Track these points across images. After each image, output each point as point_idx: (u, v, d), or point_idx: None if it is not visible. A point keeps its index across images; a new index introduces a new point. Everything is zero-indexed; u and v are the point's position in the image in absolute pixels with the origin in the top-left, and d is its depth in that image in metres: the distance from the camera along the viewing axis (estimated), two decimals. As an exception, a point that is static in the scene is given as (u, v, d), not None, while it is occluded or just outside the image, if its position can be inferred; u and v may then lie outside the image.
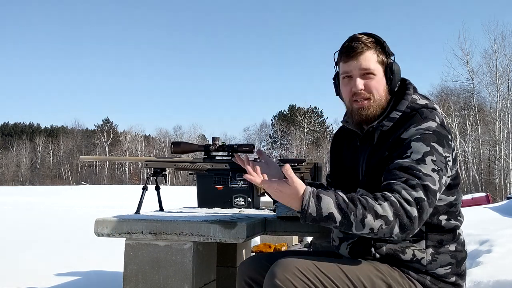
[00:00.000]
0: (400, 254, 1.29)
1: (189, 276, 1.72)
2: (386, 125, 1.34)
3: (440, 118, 1.31)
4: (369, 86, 1.36)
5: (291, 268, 1.20)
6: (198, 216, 1.89)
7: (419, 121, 1.28)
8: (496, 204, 10.25)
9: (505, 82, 28.82)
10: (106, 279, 3.66)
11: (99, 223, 1.80)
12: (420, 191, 1.17)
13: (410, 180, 1.18)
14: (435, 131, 1.26)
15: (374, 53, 1.36)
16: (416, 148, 1.23)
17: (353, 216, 1.14)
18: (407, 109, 1.34)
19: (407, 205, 1.15)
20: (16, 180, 55.52)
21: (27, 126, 66.70)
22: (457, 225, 1.35)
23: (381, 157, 1.31)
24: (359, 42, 1.35)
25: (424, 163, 1.21)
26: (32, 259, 4.69)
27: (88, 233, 3.14)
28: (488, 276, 2.62)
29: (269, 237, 3.38)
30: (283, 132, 54.79)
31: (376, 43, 1.37)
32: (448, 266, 1.31)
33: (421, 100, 1.36)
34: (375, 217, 1.13)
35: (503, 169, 28.60)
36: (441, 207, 1.32)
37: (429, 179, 1.19)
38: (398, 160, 1.24)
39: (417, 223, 1.16)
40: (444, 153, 1.24)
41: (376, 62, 1.36)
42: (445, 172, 1.24)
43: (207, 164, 2.12)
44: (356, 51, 1.35)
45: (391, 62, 1.38)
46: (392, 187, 1.19)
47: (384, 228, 1.14)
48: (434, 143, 1.24)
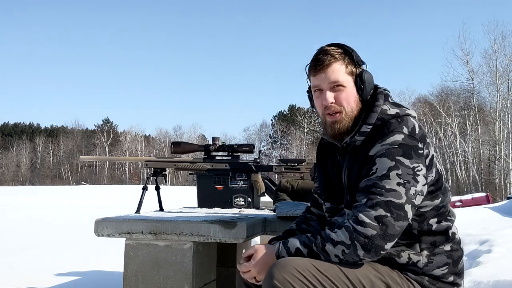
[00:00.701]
0: (396, 257, 1.30)
1: (189, 276, 1.72)
2: (358, 140, 1.34)
3: (409, 126, 1.29)
4: (339, 99, 1.35)
5: (289, 269, 1.20)
6: (198, 216, 1.89)
7: (384, 135, 1.28)
8: (496, 204, 10.26)
9: (505, 82, 28.83)
10: (106, 279, 3.66)
11: (99, 223, 1.80)
12: (380, 208, 1.21)
13: (370, 200, 1.23)
14: (401, 144, 1.26)
15: (342, 65, 1.35)
16: (380, 164, 1.25)
17: (314, 247, 1.24)
18: (377, 121, 1.32)
19: (360, 227, 1.20)
20: (16, 180, 55.53)
21: (27, 126, 66.71)
22: (448, 225, 1.35)
23: (355, 174, 1.33)
24: (326, 55, 1.35)
25: (388, 178, 1.23)
26: (32, 259, 4.69)
27: (88, 233, 3.14)
28: (488, 276, 2.62)
29: (269, 237, 3.38)
30: (283, 132, 54.77)
31: (345, 54, 1.36)
32: (445, 267, 1.31)
33: (392, 109, 1.33)
34: (333, 244, 1.22)
35: (503, 169, 28.60)
36: (429, 213, 1.32)
37: (393, 194, 1.22)
38: (365, 179, 1.27)
39: (380, 240, 1.20)
40: (411, 164, 1.24)
41: (345, 73, 1.35)
42: (413, 183, 1.24)
43: (207, 164, 2.13)
44: (324, 64, 1.34)
45: (362, 72, 1.36)
46: (353, 211, 1.26)
47: (347, 252, 1.21)
48: (399, 157, 1.24)
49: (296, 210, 1.93)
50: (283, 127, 54.55)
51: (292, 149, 50.53)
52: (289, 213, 1.94)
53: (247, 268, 1.30)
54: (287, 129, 53.58)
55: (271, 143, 56.57)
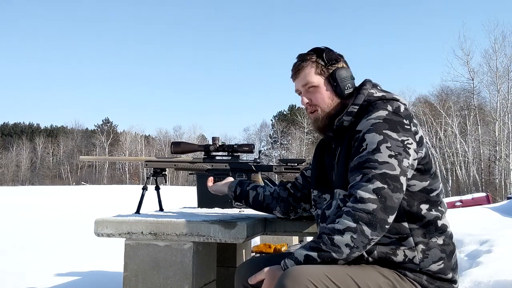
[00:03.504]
0: (392, 256, 1.30)
1: (189, 276, 1.72)
2: (346, 120, 1.40)
3: (394, 106, 1.34)
4: (314, 99, 1.46)
5: (303, 281, 1.16)
6: (198, 216, 1.89)
7: (369, 111, 1.34)
8: (496, 204, 10.24)
9: (506, 82, 28.83)
10: (106, 279, 3.66)
11: (99, 223, 1.80)
12: (377, 181, 1.23)
13: (366, 175, 1.25)
14: (386, 118, 1.30)
15: (313, 66, 1.45)
16: (369, 139, 1.28)
17: (323, 245, 1.23)
18: (364, 103, 1.39)
19: (360, 204, 1.21)
20: (16, 180, 55.51)
21: (27, 126, 66.68)
22: (437, 215, 1.35)
23: (345, 151, 1.37)
24: (299, 60, 1.47)
25: (379, 151, 1.26)
26: (32, 259, 4.69)
27: (88, 233, 3.14)
28: (488, 276, 2.61)
29: (269, 237, 3.38)
30: (283, 132, 54.76)
31: (317, 56, 1.46)
32: (440, 261, 1.32)
33: (378, 93, 1.40)
34: (341, 233, 1.21)
35: (503, 169, 28.58)
36: (418, 194, 1.34)
37: (386, 166, 1.24)
38: (356, 157, 1.30)
39: (382, 212, 1.21)
40: (399, 137, 1.28)
41: (314, 74, 1.45)
42: (405, 155, 1.27)
43: (207, 164, 2.12)
44: (296, 69, 1.47)
45: (334, 70, 1.45)
46: (350, 190, 1.27)
47: (356, 237, 1.20)
48: (386, 130, 1.28)
49: (296, 210, 1.93)
50: (283, 127, 54.54)
51: (292, 149, 50.52)
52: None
53: None
54: (287, 129, 53.57)
55: (271, 143, 56.56)
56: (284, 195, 1.73)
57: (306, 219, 1.93)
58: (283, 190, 1.75)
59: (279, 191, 1.75)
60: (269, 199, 1.75)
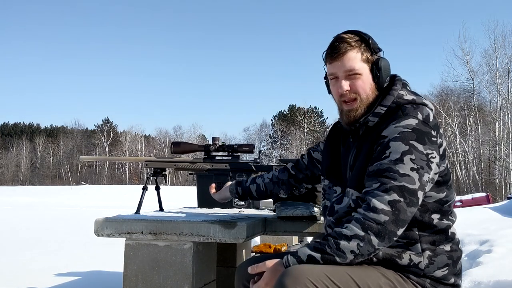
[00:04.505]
0: (397, 259, 1.29)
1: (189, 276, 1.72)
2: (371, 120, 1.34)
3: (424, 114, 1.29)
4: (355, 87, 1.36)
5: (303, 280, 1.16)
6: (198, 216, 1.89)
7: (399, 117, 1.27)
8: (496, 204, 10.25)
9: (505, 82, 28.83)
10: (106, 279, 3.66)
11: (99, 223, 1.79)
12: (394, 193, 1.20)
13: (384, 185, 1.21)
14: (415, 128, 1.25)
15: (358, 52, 1.35)
16: (394, 147, 1.24)
17: (328, 248, 1.20)
18: (392, 104, 1.33)
19: (372, 214, 1.19)
20: (16, 180, 55.50)
21: (27, 126, 66.67)
22: (449, 224, 1.34)
23: (366, 152, 1.32)
24: (342, 42, 1.35)
25: (402, 162, 1.22)
26: (32, 259, 4.69)
27: (88, 233, 3.14)
28: (488, 276, 2.61)
29: (269, 237, 3.38)
30: (283, 132, 54.73)
31: (361, 41, 1.36)
32: (445, 268, 1.31)
33: (409, 95, 1.34)
34: (347, 239, 1.19)
35: (503, 169, 28.58)
36: (431, 205, 1.31)
37: (406, 179, 1.21)
38: (377, 162, 1.25)
39: (392, 225, 1.19)
40: (425, 150, 1.24)
41: (360, 61, 1.35)
42: (427, 170, 1.24)
43: (207, 164, 2.12)
44: (339, 52, 1.35)
45: (378, 59, 1.36)
46: (365, 196, 1.24)
47: (362, 245, 1.18)
48: (413, 141, 1.23)
49: (296, 210, 1.93)
50: (283, 127, 54.51)
51: (292, 149, 50.50)
52: (289, 213, 1.94)
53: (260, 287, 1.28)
54: (287, 129, 53.55)
55: (271, 143, 56.54)
56: (284, 178, 1.71)
57: (306, 219, 1.93)
58: (282, 172, 1.72)
59: (277, 174, 1.73)
60: (270, 185, 1.73)
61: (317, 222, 1.94)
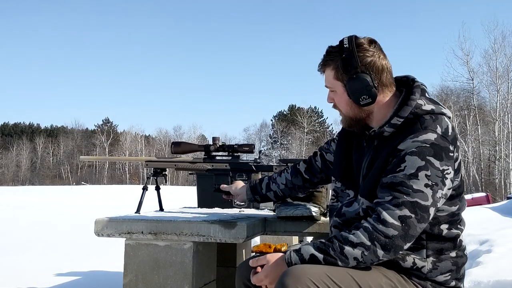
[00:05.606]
0: (400, 261, 1.28)
1: (189, 276, 1.72)
2: (387, 131, 1.31)
3: (443, 126, 1.26)
4: (335, 101, 1.41)
5: (305, 280, 1.16)
6: (198, 216, 1.89)
7: (417, 131, 1.24)
8: (496, 204, 10.25)
9: (505, 82, 28.80)
10: (106, 279, 3.66)
11: (99, 223, 1.80)
12: (406, 209, 1.19)
13: (396, 199, 1.20)
14: (433, 144, 1.22)
15: (332, 70, 1.35)
16: (410, 162, 1.22)
17: (331, 251, 1.20)
18: (410, 115, 1.28)
19: (381, 226, 1.19)
20: (16, 180, 55.50)
21: (27, 126, 66.66)
22: (458, 233, 1.34)
23: (380, 164, 1.30)
24: (325, 56, 1.38)
25: (416, 178, 1.20)
26: (32, 259, 4.69)
27: (88, 233, 3.14)
28: (488, 276, 2.62)
29: (269, 237, 3.38)
30: (283, 132, 54.72)
31: (340, 55, 1.33)
32: (448, 273, 1.30)
33: (427, 105, 1.30)
34: (353, 246, 1.19)
35: (503, 169, 28.57)
36: (443, 217, 1.31)
37: (420, 195, 1.20)
38: (391, 175, 1.23)
39: (400, 240, 1.19)
40: (441, 166, 1.22)
41: (333, 79, 1.36)
42: (441, 186, 1.22)
43: (207, 164, 2.12)
44: (320, 68, 1.40)
45: (348, 79, 1.32)
46: (376, 207, 1.23)
47: (366, 254, 1.19)
48: (430, 157, 1.21)
49: (296, 210, 1.93)
50: (283, 127, 54.50)
51: (292, 149, 50.51)
52: (289, 213, 1.94)
53: (260, 280, 1.28)
54: (287, 129, 53.54)
55: (271, 143, 56.53)
56: (299, 183, 1.71)
57: (306, 219, 1.93)
58: (295, 177, 1.71)
59: (291, 179, 1.71)
60: (287, 191, 1.74)
61: (317, 222, 1.94)
